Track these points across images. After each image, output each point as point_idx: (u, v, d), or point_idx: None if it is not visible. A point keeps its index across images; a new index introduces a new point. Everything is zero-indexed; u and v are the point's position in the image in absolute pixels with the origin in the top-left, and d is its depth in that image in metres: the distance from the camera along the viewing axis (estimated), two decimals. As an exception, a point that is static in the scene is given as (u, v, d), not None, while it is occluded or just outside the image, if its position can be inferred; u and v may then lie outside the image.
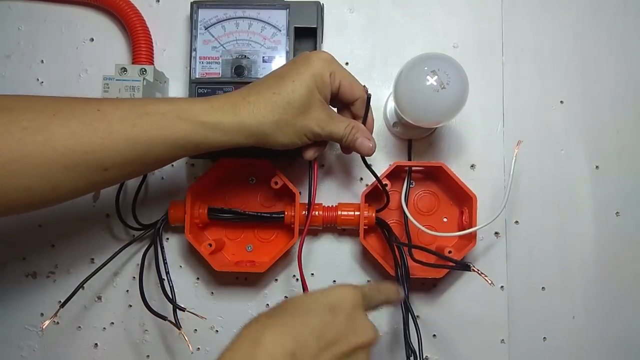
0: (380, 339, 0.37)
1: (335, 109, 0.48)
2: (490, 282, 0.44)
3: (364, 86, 0.45)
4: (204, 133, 0.40)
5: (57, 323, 0.55)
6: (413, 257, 0.50)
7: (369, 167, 0.49)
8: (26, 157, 0.36)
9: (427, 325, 0.54)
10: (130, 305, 0.55)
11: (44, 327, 0.48)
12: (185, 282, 0.55)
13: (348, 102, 0.46)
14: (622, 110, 0.55)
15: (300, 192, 0.52)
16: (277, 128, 0.42)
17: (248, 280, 0.55)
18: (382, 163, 0.55)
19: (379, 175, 0.51)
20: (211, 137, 0.41)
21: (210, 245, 0.50)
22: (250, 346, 0.33)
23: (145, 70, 0.51)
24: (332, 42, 0.56)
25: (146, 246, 0.53)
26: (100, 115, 0.38)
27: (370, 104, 0.46)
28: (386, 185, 0.51)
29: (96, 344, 0.56)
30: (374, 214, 0.51)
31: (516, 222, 0.55)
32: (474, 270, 0.45)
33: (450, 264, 0.49)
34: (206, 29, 0.52)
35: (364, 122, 0.46)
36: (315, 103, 0.42)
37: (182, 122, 0.40)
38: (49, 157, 0.36)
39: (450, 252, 0.50)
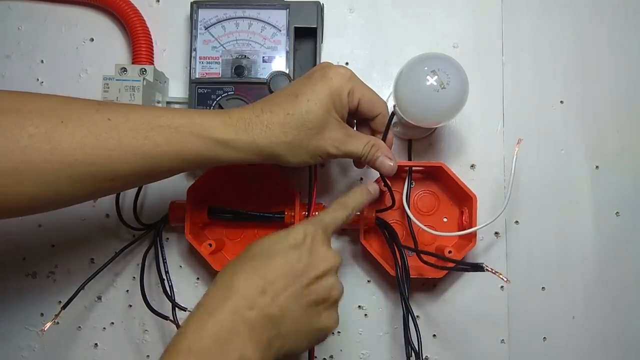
0: (342, 262, 0.42)
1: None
2: (506, 279, 0.44)
3: (394, 106, 0.44)
4: (215, 150, 0.39)
5: (58, 323, 0.55)
6: (422, 258, 0.50)
7: (386, 183, 0.48)
8: (31, 165, 0.35)
9: (427, 325, 0.54)
10: (131, 305, 0.55)
11: (45, 328, 0.48)
12: (186, 282, 0.55)
13: (367, 118, 0.44)
14: (622, 110, 0.55)
15: (300, 192, 0.52)
16: (290, 149, 0.40)
17: (248, 280, 0.55)
18: (382, 163, 0.55)
19: (378, 176, 0.51)
20: (222, 154, 0.40)
21: (211, 245, 0.50)
22: (223, 290, 0.37)
23: (145, 70, 0.51)
24: (332, 42, 0.56)
25: (147, 246, 0.53)
26: (111, 126, 0.37)
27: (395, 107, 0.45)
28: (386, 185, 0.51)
29: (96, 344, 0.56)
30: (374, 214, 0.51)
31: (516, 222, 0.55)
32: (487, 270, 0.44)
33: (463, 266, 0.48)
34: (206, 29, 0.52)
35: (384, 139, 0.45)
36: (331, 123, 0.41)
37: (194, 138, 0.39)
38: (55, 166, 0.35)
39: (450, 252, 0.50)
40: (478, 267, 0.44)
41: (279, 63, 0.51)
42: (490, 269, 0.44)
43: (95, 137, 0.36)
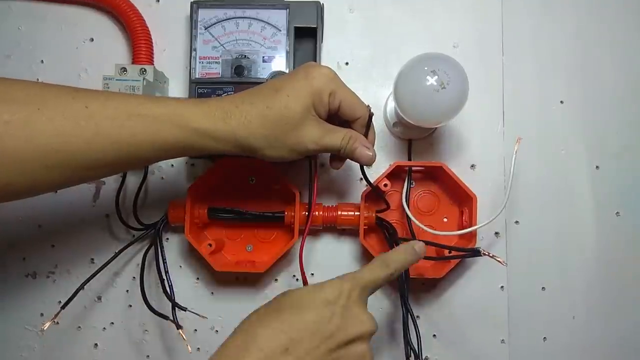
0: (377, 330, 0.39)
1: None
2: (502, 262, 0.44)
3: (368, 106, 0.43)
4: (193, 139, 0.39)
5: (57, 323, 0.55)
6: None
7: (367, 179, 0.48)
8: (6, 153, 0.34)
9: (427, 325, 0.54)
10: (130, 305, 0.55)
11: (44, 328, 0.48)
12: (186, 282, 0.55)
13: (348, 120, 0.44)
14: (622, 110, 0.55)
15: (300, 192, 0.52)
16: (267, 142, 0.40)
17: (248, 280, 0.55)
18: (382, 163, 0.55)
19: (379, 175, 0.51)
20: (200, 143, 0.40)
21: (210, 245, 0.50)
22: (244, 340, 0.35)
23: (145, 70, 0.51)
24: (332, 42, 0.56)
25: (147, 246, 0.53)
26: (88, 114, 0.37)
27: (371, 107, 0.45)
28: (386, 185, 0.51)
29: (96, 344, 0.56)
30: (374, 214, 0.51)
31: (516, 222, 0.55)
32: (484, 254, 0.45)
33: (460, 253, 0.49)
34: (206, 28, 0.52)
35: (365, 135, 0.45)
36: (309, 120, 0.41)
37: (172, 127, 0.39)
38: (30, 154, 0.35)
39: (450, 252, 0.50)
40: (476, 252, 0.46)
41: (279, 63, 0.51)
42: (487, 253, 0.45)
43: (72, 125, 0.36)
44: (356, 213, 0.51)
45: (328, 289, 0.37)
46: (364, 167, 0.46)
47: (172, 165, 0.56)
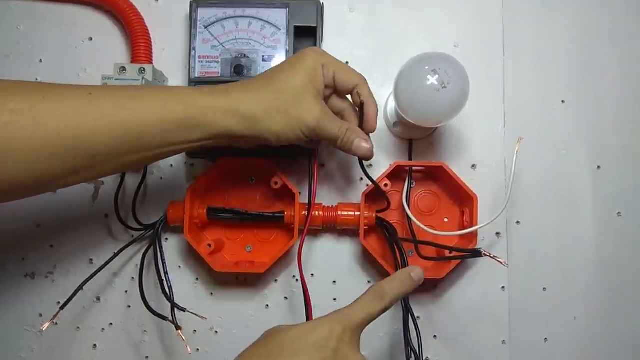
0: None
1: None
2: (504, 262, 0.43)
3: (356, 92, 0.45)
4: (196, 116, 0.40)
5: (56, 324, 0.55)
6: (420, 254, 0.50)
7: (365, 172, 0.48)
8: (12, 142, 0.35)
9: (428, 326, 0.54)
10: (129, 306, 0.55)
11: (43, 328, 0.48)
12: (185, 283, 0.55)
13: (347, 89, 0.45)
14: (624, 110, 0.55)
15: (300, 192, 0.51)
16: (269, 114, 0.41)
17: (248, 280, 0.55)
18: (382, 163, 0.55)
19: (380, 175, 0.51)
20: (203, 119, 0.40)
21: (210, 245, 0.50)
22: None
23: (145, 70, 0.51)
24: (332, 42, 0.56)
25: (146, 247, 0.53)
26: (91, 99, 0.38)
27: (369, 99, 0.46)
28: (386, 185, 0.50)
29: (95, 345, 0.55)
30: (374, 214, 0.51)
31: (517, 222, 0.54)
32: (485, 255, 0.44)
33: (461, 254, 0.49)
34: (205, 27, 0.51)
35: (360, 125, 0.46)
36: (309, 93, 0.42)
37: (175, 104, 0.39)
38: (36, 143, 0.35)
39: (450, 252, 0.50)
40: (476, 253, 0.45)
41: (279, 62, 0.51)
42: (488, 254, 0.44)
43: (77, 111, 0.37)
44: (356, 213, 0.51)
45: (319, 331, 0.37)
46: (364, 162, 0.47)
47: (171, 165, 0.56)
